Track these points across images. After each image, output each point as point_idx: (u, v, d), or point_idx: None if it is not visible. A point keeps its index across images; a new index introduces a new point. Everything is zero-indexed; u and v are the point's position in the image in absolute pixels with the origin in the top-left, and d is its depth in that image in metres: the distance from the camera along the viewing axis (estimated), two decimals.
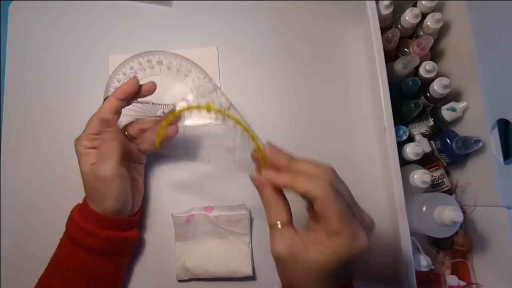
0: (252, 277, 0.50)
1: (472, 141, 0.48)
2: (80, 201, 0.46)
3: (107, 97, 0.44)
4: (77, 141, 0.44)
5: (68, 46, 0.58)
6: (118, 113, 0.44)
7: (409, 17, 0.52)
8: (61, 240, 0.45)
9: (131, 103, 0.46)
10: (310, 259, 0.32)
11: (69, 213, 0.45)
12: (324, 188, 0.31)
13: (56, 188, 0.54)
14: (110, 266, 0.45)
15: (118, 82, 0.47)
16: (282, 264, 0.33)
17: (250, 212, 0.51)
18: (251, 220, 0.51)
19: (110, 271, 0.46)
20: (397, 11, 0.53)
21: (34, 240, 0.52)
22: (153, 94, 0.45)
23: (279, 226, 0.34)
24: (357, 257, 0.32)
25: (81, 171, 0.43)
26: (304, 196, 0.33)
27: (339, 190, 0.32)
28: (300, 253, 0.32)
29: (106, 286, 0.46)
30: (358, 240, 0.32)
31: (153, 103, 0.46)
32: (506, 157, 0.48)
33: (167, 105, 0.46)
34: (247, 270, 0.50)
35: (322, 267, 0.32)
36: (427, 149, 0.53)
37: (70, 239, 0.44)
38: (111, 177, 0.42)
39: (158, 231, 0.52)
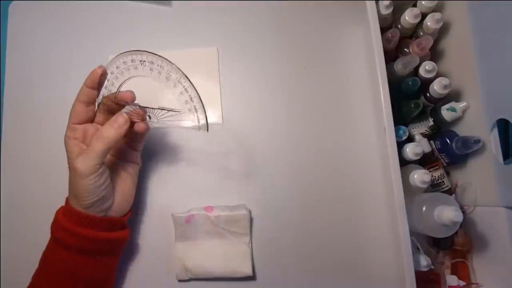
0: (252, 277, 0.50)
1: (472, 141, 0.48)
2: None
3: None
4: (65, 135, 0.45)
5: (68, 46, 0.58)
6: (90, 101, 0.45)
7: (409, 17, 0.52)
8: (49, 241, 0.45)
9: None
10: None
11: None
12: None
13: (56, 187, 0.53)
14: (96, 267, 0.44)
15: (108, 81, 0.46)
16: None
17: (250, 212, 0.51)
18: (251, 220, 0.51)
19: (97, 272, 0.45)
20: (397, 11, 0.53)
21: (35, 240, 0.52)
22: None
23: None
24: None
25: (67, 158, 0.44)
26: None
27: None
28: None
29: None
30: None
31: (139, 106, 0.46)
32: (506, 157, 0.48)
33: (152, 108, 0.46)
34: (247, 270, 0.49)
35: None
36: (427, 149, 0.53)
37: (53, 239, 0.44)
38: (85, 175, 0.41)
39: (158, 231, 0.52)
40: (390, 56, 0.54)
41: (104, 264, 0.46)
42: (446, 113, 0.52)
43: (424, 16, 0.52)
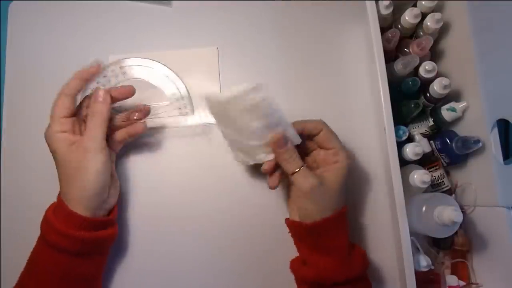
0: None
1: (472, 141, 0.48)
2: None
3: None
4: (47, 130, 0.44)
5: (68, 46, 0.58)
6: (77, 94, 0.46)
7: (409, 17, 0.52)
8: (38, 240, 0.44)
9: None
10: (331, 180, 0.43)
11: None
12: (325, 124, 0.46)
13: (56, 187, 0.53)
14: (88, 265, 0.44)
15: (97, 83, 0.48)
16: (314, 195, 0.42)
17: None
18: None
19: (88, 270, 0.44)
20: (397, 11, 0.53)
21: (35, 240, 0.52)
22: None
23: (302, 169, 0.43)
24: (349, 168, 0.45)
25: (57, 154, 0.44)
26: (313, 130, 0.45)
27: None
28: (322, 180, 0.42)
29: (83, 285, 0.45)
30: (350, 155, 0.47)
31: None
32: (506, 157, 0.48)
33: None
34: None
35: (340, 180, 0.43)
36: (427, 149, 0.53)
37: (45, 241, 0.43)
38: (98, 149, 0.42)
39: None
40: (390, 56, 0.54)
41: (96, 262, 0.46)
42: (446, 113, 0.52)
43: (424, 16, 0.52)
